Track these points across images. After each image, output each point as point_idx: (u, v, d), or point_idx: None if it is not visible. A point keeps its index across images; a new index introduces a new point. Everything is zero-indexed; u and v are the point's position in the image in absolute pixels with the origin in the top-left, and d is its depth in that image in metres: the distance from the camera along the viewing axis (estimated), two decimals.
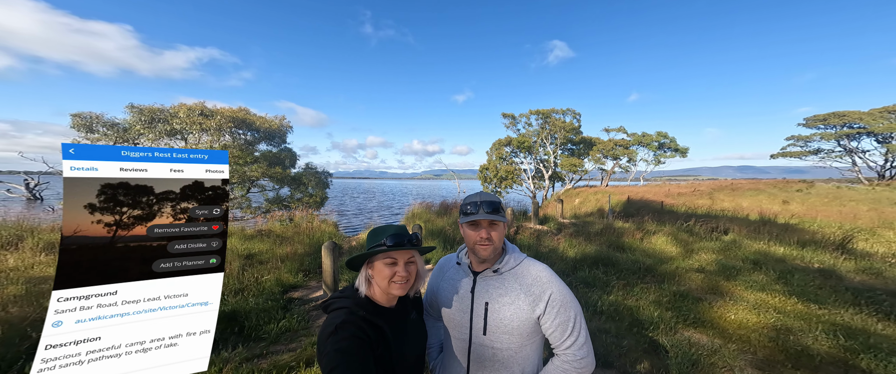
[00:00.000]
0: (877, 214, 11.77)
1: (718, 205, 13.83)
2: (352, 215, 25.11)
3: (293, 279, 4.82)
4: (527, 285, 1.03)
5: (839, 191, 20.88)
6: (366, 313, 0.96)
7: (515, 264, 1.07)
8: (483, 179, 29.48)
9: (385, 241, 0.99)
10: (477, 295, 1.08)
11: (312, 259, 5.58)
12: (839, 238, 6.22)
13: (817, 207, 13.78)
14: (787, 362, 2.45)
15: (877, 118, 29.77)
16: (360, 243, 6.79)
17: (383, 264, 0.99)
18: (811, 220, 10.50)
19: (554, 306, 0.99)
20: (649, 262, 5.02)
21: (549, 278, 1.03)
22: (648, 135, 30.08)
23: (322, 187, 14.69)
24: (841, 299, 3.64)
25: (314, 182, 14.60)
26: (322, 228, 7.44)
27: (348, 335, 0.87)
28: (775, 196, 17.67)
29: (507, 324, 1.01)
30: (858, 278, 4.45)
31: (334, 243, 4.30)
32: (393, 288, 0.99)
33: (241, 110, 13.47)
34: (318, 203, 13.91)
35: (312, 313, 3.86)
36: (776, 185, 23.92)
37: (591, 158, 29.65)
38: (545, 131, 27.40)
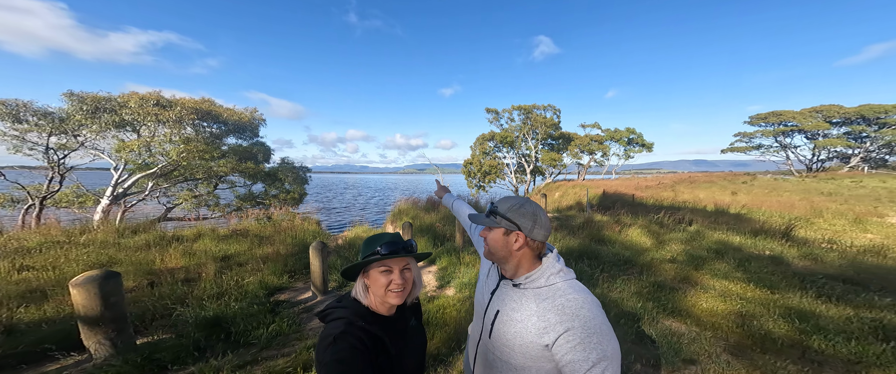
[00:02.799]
0: (808, 203, 13.26)
1: (680, 197, 14.91)
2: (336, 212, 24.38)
3: (278, 281, 4.65)
4: (544, 309, 0.92)
5: (776, 183, 23.39)
6: (364, 322, 0.95)
7: (543, 284, 0.96)
8: (467, 173, 29.71)
9: (379, 249, 0.99)
10: (494, 300, 1.06)
11: (297, 259, 5.40)
12: (783, 227, 6.96)
13: (760, 197, 15.26)
14: (755, 346, 2.73)
15: (806, 117, 33.81)
16: (347, 242, 6.65)
17: (379, 273, 0.98)
18: (757, 209, 11.60)
19: (572, 340, 0.85)
20: (628, 254, 5.35)
21: (577, 310, 0.88)
22: (619, 130, 31.48)
23: (300, 183, 14.12)
24: (790, 284, 4.09)
25: (291, 178, 13.99)
26: (305, 226, 7.19)
27: (347, 346, 0.87)
28: (726, 188, 19.32)
29: (511, 340, 0.96)
30: (802, 264, 5.01)
31: (322, 243, 4.21)
32: (389, 297, 0.98)
33: (204, 101, 12.55)
34: (296, 200, 13.37)
35: (303, 316, 3.76)
36: (726, 177, 26.23)
37: (569, 152, 30.67)
38: (527, 127, 27.96)
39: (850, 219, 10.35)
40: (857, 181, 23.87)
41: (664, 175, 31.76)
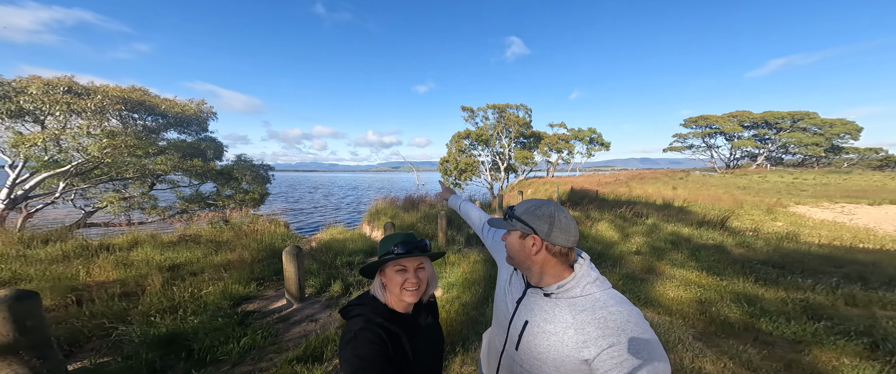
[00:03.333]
0: (730, 196, 15.35)
1: (634, 192, 16.38)
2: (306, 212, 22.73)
3: (244, 290, 4.25)
4: (582, 321, 0.86)
5: (704, 178, 27.19)
6: (383, 319, 0.98)
7: (578, 294, 0.91)
8: (443, 171, 29.78)
9: (394, 249, 1.02)
10: (521, 309, 1.00)
11: (266, 266, 4.98)
12: (719, 219, 7.96)
13: (695, 191, 17.29)
14: (718, 332, 3.05)
15: (725, 121, 39.49)
16: (323, 245, 6.27)
17: (394, 272, 1.02)
18: (694, 203, 13.10)
19: (617, 356, 0.78)
20: (600, 248, 5.72)
21: (622, 324, 0.82)
22: (582, 130, 33.53)
23: (261, 182, 12.98)
24: (733, 271, 4.67)
25: (250, 176, 12.80)
26: (271, 229, 6.63)
27: (366, 341, 0.90)
28: (668, 183, 21.79)
29: (543, 353, 0.91)
30: (738, 251, 5.74)
31: (297, 247, 3.92)
32: (405, 295, 1.01)
33: (135, 90, 11.09)
34: (257, 200, 12.26)
35: (279, 326, 3.45)
36: (667, 174, 29.94)
37: (539, 150, 31.84)
38: (501, 125, 28.56)
39: (764, 209, 12.18)
40: (762, 177, 28.37)
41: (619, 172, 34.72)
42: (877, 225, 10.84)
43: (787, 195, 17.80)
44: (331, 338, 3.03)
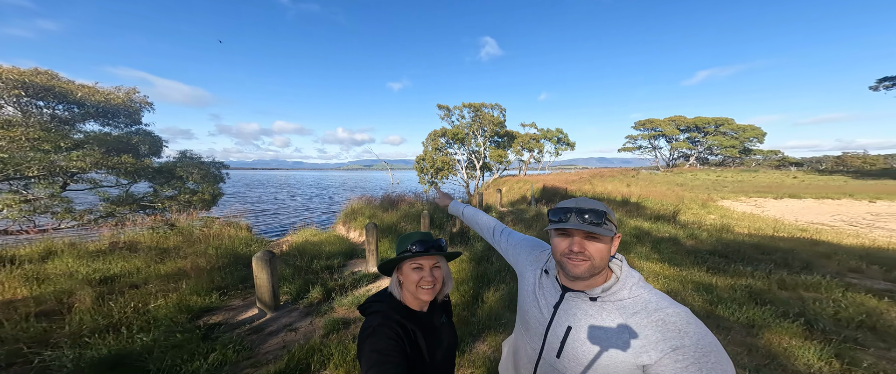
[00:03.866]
0: (673, 192, 17.22)
1: (597, 189, 17.70)
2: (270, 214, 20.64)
3: (203, 301, 3.78)
4: (640, 324, 0.82)
5: (651, 176, 30.23)
6: (400, 316, 1.01)
7: (626, 296, 0.87)
8: (419, 169, 29.29)
9: (411, 247, 1.04)
10: (560, 314, 0.94)
11: (228, 273, 4.50)
12: (670, 213, 8.86)
13: (646, 188, 19.23)
14: None
15: (666, 124, 44.67)
16: (295, 248, 5.80)
17: (411, 270, 1.04)
18: (647, 198, 14.40)
19: (680, 360, 0.75)
20: None
21: (684, 326, 0.79)
22: (551, 130, 35.15)
23: (212, 181, 11.57)
24: (689, 261, 5.19)
25: (198, 175, 11.35)
26: (230, 233, 5.96)
27: (384, 337, 0.93)
28: (623, 181, 23.95)
29: (591, 361, 0.86)
30: (689, 243, 6.40)
31: (270, 252, 3.59)
32: (421, 293, 1.03)
33: (39, 73, 9.49)
34: (208, 201, 10.89)
35: (252, 337, 3.10)
36: (622, 172, 32.74)
37: (513, 149, 32.74)
38: (476, 124, 28.94)
39: (700, 204, 13.89)
40: (694, 175, 32.48)
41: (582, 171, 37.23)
42: (782, 215, 12.89)
43: (715, 191, 20.59)
44: (316, 348, 2.79)
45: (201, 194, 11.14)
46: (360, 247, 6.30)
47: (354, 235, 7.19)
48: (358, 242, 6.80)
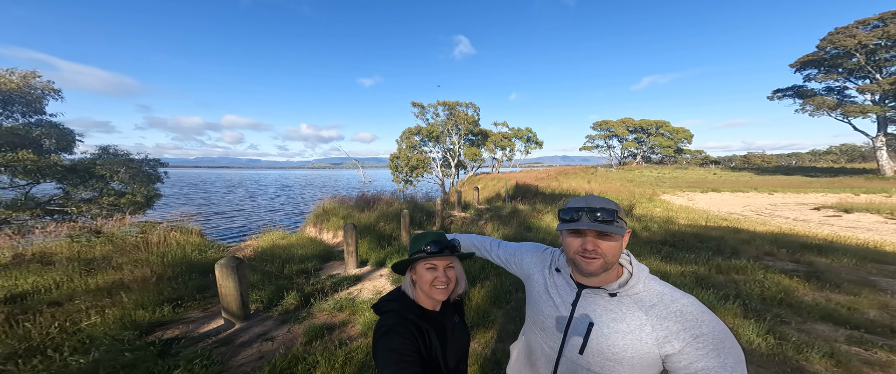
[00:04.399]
0: (625, 188, 18.92)
1: (563, 186, 18.73)
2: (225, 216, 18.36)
3: (153, 316, 3.34)
4: (659, 316, 0.86)
5: (607, 173, 33.02)
6: (414, 315, 1.02)
7: (642, 290, 0.90)
8: (393, 168, 28.37)
9: (425, 248, 1.05)
10: (579, 311, 0.95)
11: (181, 283, 4.04)
12: (627, 208, 9.68)
13: (603, 184, 21.01)
14: None
15: (618, 126, 49.04)
16: (261, 253, 5.32)
17: (425, 270, 1.05)
18: (605, 194, 15.60)
19: (701, 347, 0.79)
20: (550, 238, 6.32)
21: (701, 316, 0.84)
22: (522, 130, 36.36)
23: (145, 181, 10.09)
24: (645, 251, 5.73)
25: (126, 174, 9.82)
26: (178, 238, 5.27)
27: (399, 336, 0.94)
28: (584, 178, 25.48)
29: (618, 353, 0.88)
30: (644, 235, 7.07)
31: (237, 259, 3.28)
32: (434, 292, 1.05)
33: None
34: (139, 204, 9.47)
35: (220, 350, 2.81)
36: (583, 170, 34.79)
37: (487, 147, 33.19)
38: (451, 122, 28.86)
39: (647, 198, 15.40)
40: (640, 172, 36.04)
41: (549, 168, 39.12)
42: (709, 207, 14.89)
43: (657, 186, 23.05)
44: (300, 356, 2.61)
45: (131, 195, 9.66)
46: (336, 249, 6.03)
47: (328, 236, 6.85)
48: (333, 243, 6.50)
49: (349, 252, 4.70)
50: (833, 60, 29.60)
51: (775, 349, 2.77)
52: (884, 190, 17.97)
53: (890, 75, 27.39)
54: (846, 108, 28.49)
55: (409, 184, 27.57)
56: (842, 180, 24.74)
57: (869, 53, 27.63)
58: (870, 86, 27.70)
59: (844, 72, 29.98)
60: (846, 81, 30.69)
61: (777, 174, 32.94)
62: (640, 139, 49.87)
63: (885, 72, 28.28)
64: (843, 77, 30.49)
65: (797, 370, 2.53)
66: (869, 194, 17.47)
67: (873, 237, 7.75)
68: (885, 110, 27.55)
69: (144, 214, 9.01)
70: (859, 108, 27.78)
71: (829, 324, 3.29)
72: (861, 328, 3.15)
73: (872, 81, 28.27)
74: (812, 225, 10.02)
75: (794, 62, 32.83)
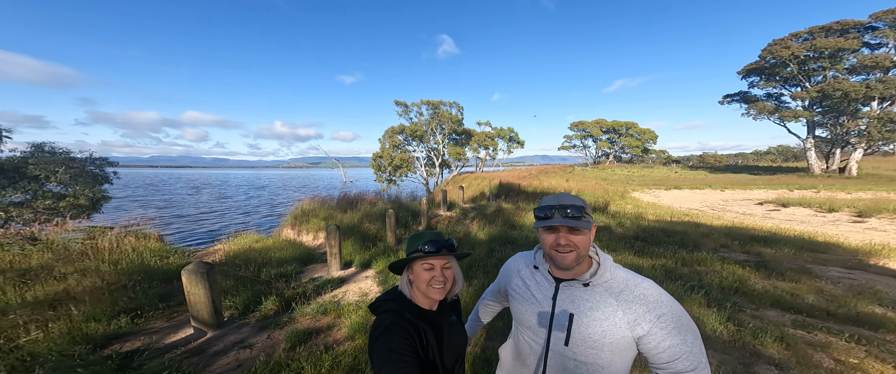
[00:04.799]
0: (600, 186, 19.82)
1: (543, 184, 19.16)
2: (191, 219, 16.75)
3: (108, 328, 3.03)
4: (626, 301, 0.93)
5: (583, 172, 34.26)
6: (411, 315, 1.02)
7: (610, 277, 0.98)
8: (376, 167, 27.54)
9: (423, 247, 1.05)
10: (559, 304, 1.01)
11: (139, 292, 3.70)
12: (602, 205, 10.13)
13: (581, 182, 21.85)
14: None
15: (593, 126, 51.06)
16: (234, 257, 4.96)
17: (422, 269, 1.05)
18: (582, 192, 16.29)
19: (664, 327, 0.89)
20: (534, 236, 6.45)
21: (659, 296, 0.93)
22: (504, 129, 36.67)
23: (91, 182, 9.02)
24: (620, 246, 6.04)
25: (67, 175, 8.71)
26: (133, 244, 4.79)
27: (397, 336, 0.93)
28: (563, 177, 26.30)
29: (597, 340, 0.94)
30: (619, 230, 7.43)
31: (206, 264, 3.07)
32: (432, 292, 1.04)
33: None
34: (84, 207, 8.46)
35: (192, 360, 2.62)
36: (562, 169, 35.88)
37: (470, 147, 33.16)
38: (435, 121, 28.54)
39: (619, 195, 16.22)
40: (613, 171, 37.91)
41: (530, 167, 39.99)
42: (672, 203, 16.03)
43: (628, 184, 24.42)
44: (283, 363, 2.49)
45: (73, 198, 8.60)
46: (317, 251, 5.84)
47: (308, 238, 6.60)
48: (314, 245, 6.28)
49: (332, 254, 4.54)
50: (772, 69, 32.79)
51: (735, 336, 3.03)
52: (813, 186, 20.25)
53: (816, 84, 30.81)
54: (782, 113, 31.73)
55: (393, 184, 27.22)
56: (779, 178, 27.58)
57: (800, 63, 30.88)
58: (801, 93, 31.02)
59: (781, 80, 33.32)
60: (782, 87, 34.13)
61: (727, 172, 36.07)
62: (613, 139, 52.53)
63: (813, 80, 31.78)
64: (779, 84, 33.88)
65: (754, 354, 2.78)
66: (801, 190, 19.62)
67: (806, 229, 8.72)
68: (813, 115, 30.98)
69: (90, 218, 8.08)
70: (793, 112, 31.02)
71: (777, 310, 3.66)
72: (803, 313, 3.53)
73: (803, 88, 31.67)
74: (757, 218, 11.10)
75: (741, 70, 35.97)
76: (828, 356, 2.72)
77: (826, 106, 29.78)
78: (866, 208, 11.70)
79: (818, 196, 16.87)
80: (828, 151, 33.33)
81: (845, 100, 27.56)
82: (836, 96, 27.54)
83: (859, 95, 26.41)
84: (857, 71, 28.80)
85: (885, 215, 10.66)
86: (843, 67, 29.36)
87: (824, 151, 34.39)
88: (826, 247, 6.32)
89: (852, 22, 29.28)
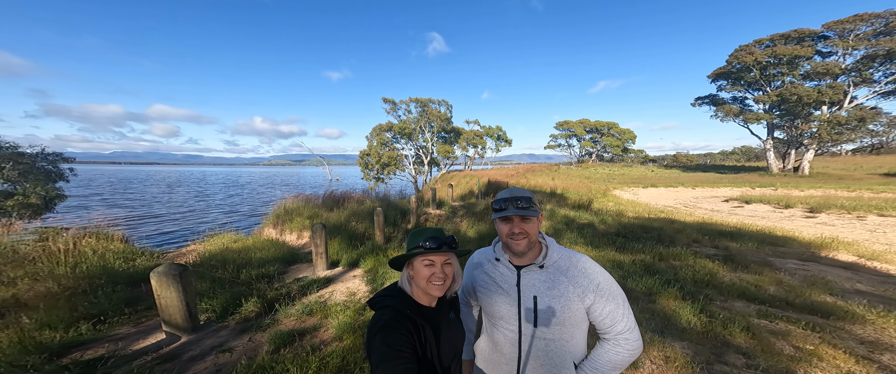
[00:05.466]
0: (584, 184, 20.39)
1: (531, 182, 19.50)
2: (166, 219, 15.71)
3: (66, 335, 2.81)
4: (573, 277, 1.07)
5: (568, 170, 35.36)
6: (410, 311, 1.02)
7: (558, 258, 1.10)
8: (364, 165, 26.93)
9: (422, 243, 1.05)
10: (523, 289, 1.10)
11: (102, 297, 3.49)
12: (586, 202, 10.39)
13: (566, 181, 22.37)
14: None
15: (578, 126, 52.47)
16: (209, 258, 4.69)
17: (422, 266, 1.05)
18: (567, 190, 16.69)
19: (603, 295, 1.04)
20: None
21: (595, 269, 1.08)
22: (493, 128, 36.80)
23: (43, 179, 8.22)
24: (603, 243, 6.22)
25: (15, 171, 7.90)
26: (94, 245, 4.44)
27: (396, 332, 0.94)
28: (549, 175, 26.92)
29: (559, 316, 1.05)
30: (601, 227, 7.65)
31: (179, 265, 2.91)
32: (431, 289, 1.05)
33: None
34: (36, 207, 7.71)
35: (165, 366, 2.48)
36: (547, 167, 36.83)
37: (459, 145, 33.10)
38: (424, 119, 28.29)
39: (602, 193, 16.74)
40: (595, 169, 39.10)
41: (517, 166, 40.70)
42: (649, 201, 16.66)
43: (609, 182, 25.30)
44: (266, 366, 2.39)
45: (22, 196, 7.83)
46: (301, 251, 5.68)
47: (292, 237, 6.41)
48: (298, 245, 6.11)
49: (318, 253, 4.42)
50: (737, 74, 34.83)
51: (707, 327, 3.20)
52: (771, 184, 21.79)
53: (776, 88, 33.03)
54: (746, 115, 33.84)
55: (381, 182, 26.82)
56: (743, 176, 29.45)
57: (762, 69, 32.97)
58: (762, 97, 33.21)
59: (745, 84, 35.48)
60: (747, 91, 36.37)
61: (697, 171, 38.15)
62: (595, 139, 54.21)
63: (773, 85, 34.07)
64: (744, 88, 36.08)
65: (725, 344, 2.95)
66: (762, 187, 21.05)
67: (767, 224, 9.36)
68: (772, 118, 33.27)
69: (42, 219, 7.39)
70: (755, 115, 33.16)
71: (743, 301, 3.90)
72: (766, 303, 3.77)
73: (764, 92, 33.89)
74: (724, 215, 11.79)
75: (711, 74, 37.97)
76: (788, 344, 2.93)
77: (783, 109, 32.04)
78: (817, 204, 12.69)
79: (776, 193, 18.14)
80: (784, 151, 35.95)
81: (800, 104, 29.77)
82: (793, 100, 29.69)
83: (812, 99, 28.62)
84: (810, 77, 31.11)
85: (834, 210, 11.63)
86: (799, 73, 31.65)
87: (781, 151, 37.07)
88: (784, 241, 6.80)
89: (808, 31, 31.53)
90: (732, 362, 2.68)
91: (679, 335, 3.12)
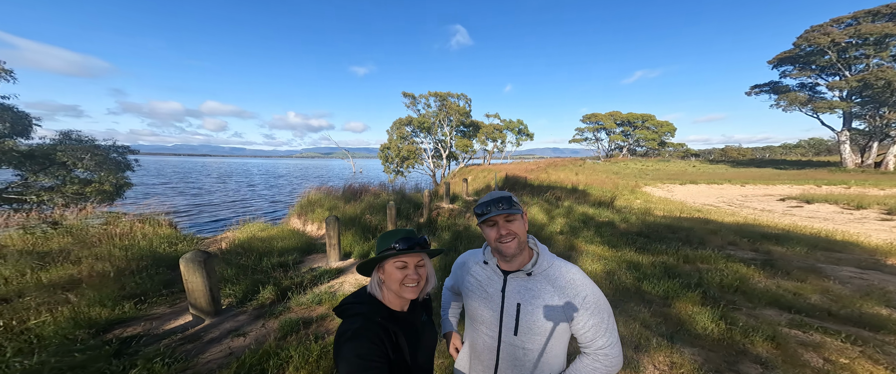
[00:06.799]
0: (610, 180, 19.45)
1: (551, 177, 19.01)
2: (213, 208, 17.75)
3: (112, 313, 3.24)
4: (560, 287, 1.03)
5: (594, 165, 33.99)
6: (382, 318, 0.99)
7: (547, 266, 1.07)
8: (384, 158, 28.15)
9: (394, 245, 1.01)
10: (508, 296, 1.08)
11: (145, 278, 3.96)
12: (608, 200, 9.94)
13: (590, 176, 21.53)
14: (620, 297, 3.75)
15: (607, 119, 50.05)
16: (237, 245, 5.18)
17: (394, 268, 1.01)
18: (590, 186, 15.98)
19: (588, 308, 1.01)
20: (533, 230, 6.44)
21: (583, 281, 1.04)
22: (513, 122, 36.61)
23: (115, 169, 9.58)
24: (621, 242, 5.91)
25: (91, 161, 9.29)
26: (144, 230, 5.07)
27: (366, 341, 0.91)
28: (572, 170, 26.23)
29: (541, 326, 1.03)
30: (623, 226, 7.27)
31: (204, 252, 3.21)
32: (405, 291, 1.01)
33: None
34: (108, 193, 9.02)
35: (187, 347, 2.77)
36: (571, 162, 35.67)
37: (478, 139, 33.36)
38: (442, 113, 28.63)
39: (629, 190, 15.85)
40: (625, 164, 37.02)
41: (539, 160, 40.00)
42: (685, 199, 15.53)
43: (640, 179, 23.87)
44: (272, 351, 2.60)
45: (98, 184, 9.15)
46: (318, 241, 5.95)
47: (312, 228, 6.69)
48: (316, 236, 6.39)
49: (331, 245, 4.66)
50: (807, 58, 30.78)
51: (725, 334, 2.95)
52: (843, 182, 19.10)
53: (858, 73, 28.72)
54: (816, 104, 29.83)
55: (400, 175, 27.50)
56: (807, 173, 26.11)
57: (840, 51, 28.84)
58: (839, 83, 29.01)
59: (817, 69, 31.27)
60: (818, 77, 32.05)
61: (751, 167, 34.46)
62: (627, 132, 51.12)
63: (854, 69, 29.65)
64: (815, 74, 31.81)
65: (741, 352, 2.71)
66: (830, 185, 18.54)
67: (827, 226, 8.28)
68: (851, 106, 29.00)
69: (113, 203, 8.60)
70: (827, 104, 29.13)
71: (775, 309, 3.53)
72: (802, 312, 3.39)
73: (841, 78, 29.63)
74: (775, 215, 10.60)
75: (772, 59, 33.93)
76: (818, 356, 2.63)
77: (866, 96, 27.82)
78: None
79: (848, 192, 15.91)
80: (864, 144, 31.23)
81: (888, 90, 25.63)
82: (879, 86, 25.68)
83: None
84: None
85: None
86: (889, 54, 27.24)
87: (860, 144, 32.24)
88: (842, 246, 5.99)
89: None
90: (746, 371, 2.47)
91: (691, 341, 2.92)
